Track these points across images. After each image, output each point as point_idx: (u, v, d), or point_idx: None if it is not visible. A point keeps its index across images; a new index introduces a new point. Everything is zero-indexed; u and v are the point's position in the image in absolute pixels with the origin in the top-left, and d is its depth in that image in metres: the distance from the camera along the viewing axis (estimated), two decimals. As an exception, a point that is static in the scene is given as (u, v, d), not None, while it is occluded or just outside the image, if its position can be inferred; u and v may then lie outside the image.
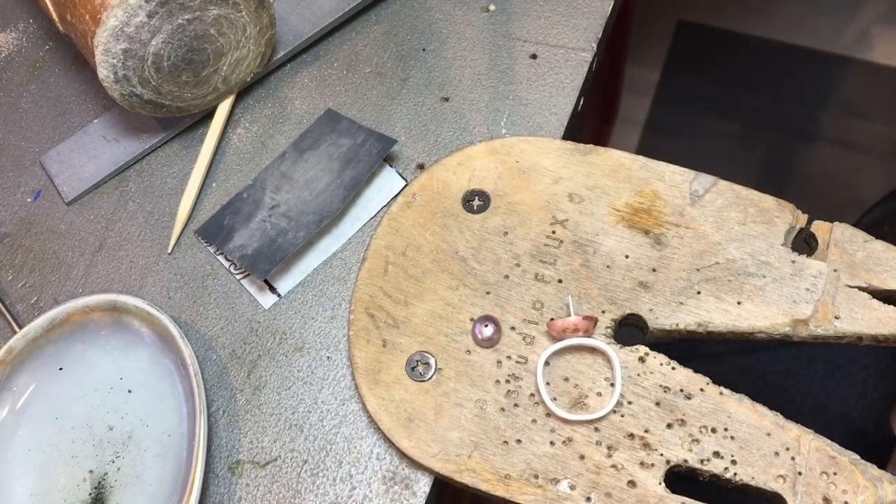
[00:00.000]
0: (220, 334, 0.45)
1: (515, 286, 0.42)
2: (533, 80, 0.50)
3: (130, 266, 0.48)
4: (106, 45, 0.43)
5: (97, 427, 0.43)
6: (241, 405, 0.44)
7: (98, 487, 0.42)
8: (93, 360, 0.44)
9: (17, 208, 0.51)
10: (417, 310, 0.42)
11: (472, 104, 0.50)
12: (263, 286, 0.46)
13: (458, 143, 0.49)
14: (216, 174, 0.50)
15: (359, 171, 0.47)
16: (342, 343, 0.44)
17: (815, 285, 0.41)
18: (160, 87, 0.46)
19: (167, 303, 0.47)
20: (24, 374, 0.43)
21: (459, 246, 0.44)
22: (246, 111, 0.52)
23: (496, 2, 0.53)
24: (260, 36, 0.48)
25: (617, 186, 0.44)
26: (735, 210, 0.43)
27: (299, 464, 0.42)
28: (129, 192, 0.50)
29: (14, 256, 0.49)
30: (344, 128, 0.49)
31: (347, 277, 0.46)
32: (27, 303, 0.48)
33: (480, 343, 0.41)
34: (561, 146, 0.46)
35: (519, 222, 0.44)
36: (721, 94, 1.37)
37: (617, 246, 0.43)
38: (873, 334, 0.40)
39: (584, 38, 0.51)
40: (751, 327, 0.40)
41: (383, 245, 0.44)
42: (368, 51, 0.53)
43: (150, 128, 0.51)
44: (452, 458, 0.39)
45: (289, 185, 0.47)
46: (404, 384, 0.41)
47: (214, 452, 0.43)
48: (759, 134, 1.32)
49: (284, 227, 0.46)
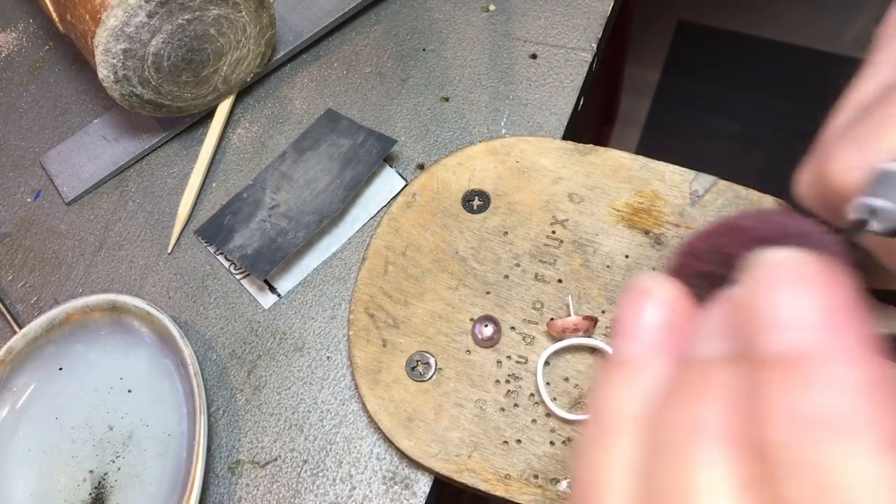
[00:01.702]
0: (220, 334, 0.45)
1: (515, 286, 0.42)
2: (533, 80, 0.50)
3: (130, 266, 0.48)
4: (106, 45, 0.43)
5: (97, 427, 0.43)
6: (241, 405, 0.44)
7: (98, 487, 0.42)
8: (93, 360, 0.44)
9: (17, 208, 0.51)
10: (417, 310, 0.42)
11: (472, 104, 0.50)
12: (263, 286, 0.46)
13: (458, 143, 0.49)
14: (216, 174, 0.50)
15: (359, 171, 0.47)
16: (342, 343, 0.44)
17: (815, 285, 0.41)
18: (160, 87, 0.46)
19: (167, 303, 0.47)
20: (24, 374, 0.43)
21: (459, 246, 0.44)
22: (246, 111, 0.52)
23: (496, 2, 0.53)
24: (260, 36, 0.48)
25: (617, 186, 0.44)
26: (735, 210, 0.43)
27: (299, 464, 0.42)
28: (129, 192, 0.50)
29: (14, 256, 0.49)
30: (344, 128, 0.49)
31: (347, 277, 0.46)
32: (27, 303, 0.48)
33: (480, 343, 0.41)
34: (561, 146, 0.46)
35: (519, 222, 0.44)
36: (721, 94, 1.37)
37: (617, 246, 0.43)
38: (873, 334, 0.40)
39: (584, 38, 0.51)
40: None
41: (383, 245, 0.44)
42: (368, 51, 0.53)
43: (150, 128, 0.51)
44: (452, 458, 0.39)
45: (289, 185, 0.48)
46: (404, 384, 0.41)
47: (214, 452, 0.43)
48: (759, 134, 1.32)
49: (284, 227, 0.46)
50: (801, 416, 0.17)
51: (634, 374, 0.21)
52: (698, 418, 0.19)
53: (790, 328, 0.18)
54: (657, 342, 0.21)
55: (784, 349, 0.17)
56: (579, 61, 0.50)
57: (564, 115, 0.49)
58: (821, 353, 0.17)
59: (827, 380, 0.17)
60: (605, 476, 0.20)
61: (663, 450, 0.19)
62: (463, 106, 0.50)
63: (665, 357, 0.20)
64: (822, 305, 0.17)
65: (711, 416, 0.18)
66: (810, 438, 0.17)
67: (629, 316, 0.21)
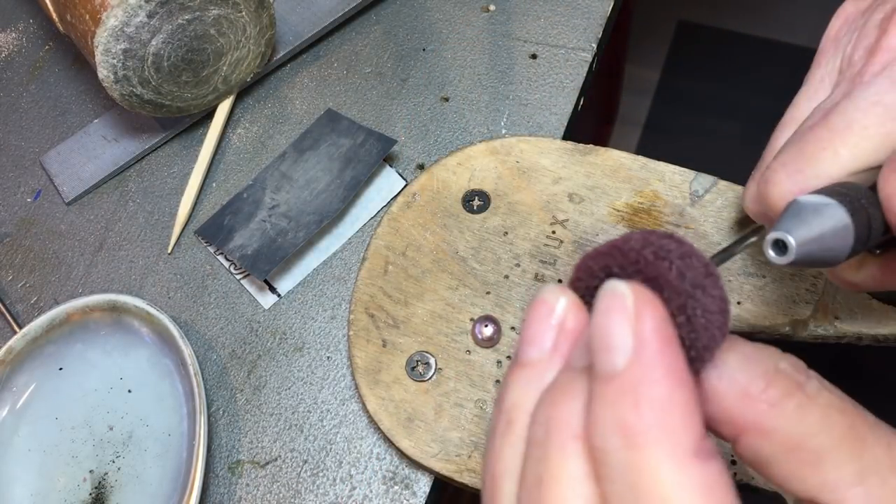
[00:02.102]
0: (220, 334, 0.45)
1: (515, 286, 0.42)
2: (533, 80, 0.50)
3: (130, 266, 0.48)
4: (106, 45, 0.43)
5: (97, 427, 0.43)
6: (241, 405, 0.44)
7: (98, 487, 0.42)
8: (93, 360, 0.44)
9: (17, 208, 0.51)
10: (417, 310, 0.42)
11: (472, 104, 0.50)
12: (263, 286, 0.46)
13: (458, 143, 0.49)
14: (216, 174, 0.50)
15: (359, 171, 0.47)
16: (342, 343, 0.44)
17: (814, 285, 0.41)
18: (160, 87, 0.46)
19: (167, 303, 0.47)
20: (24, 374, 0.43)
21: (459, 246, 0.44)
22: (246, 111, 0.52)
23: (496, 2, 0.53)
24: (260, 36, 0.48)
25: (617, 186, 0.44)
26: (735, 210, 0.43)
27: (299, 464, 0.42)
28: (129, 192, 0.50)
29: (14, 256, 0.49)
30: (344, 128, 0.49)
31: (347, 277, 0.46)
32: (27, 303, 0.48)
33: (480, 343, 0.41)
34: (561, 146, 0.46)
35: (519, 222, 0.44)
36: (721, 94, 1.37)
37: (617, 246, 0.43)
38: (873, 334, 0.40)
39: (584, 38, 0.51)
40: (751, 327, 0.40)
41: (383, 245, 0.44)
42: (368, 51, 0.53)
43: (150, 128, 0.51)
44: (452, 458, 0.39)
45: (289, 185, 0.47)
46: (404, 384, 0.41)
47: (214, 452, 0.43)
48: (759, 134, 1.32)
49: (284, 227, 0.46)
50: (616, 427, 0.20)
51: (533, 375, 0.23)
52: (559, 418, 0.22)
53: (611, 350, 0.20)
54: (553, 348, 0.23)
55: (607, 369, 0.20)
56: (579, 61, 0.50)
57: (564, 115, 0.49)
58: (632, 373, 0.20)
59: (637, 396, 0.20)
60: (503, 465, 0.23)
61: (534, 443, 0.22)
62: (463, 106, 0.50)
63: (560, 363, 0.23)
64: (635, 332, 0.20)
65: (569, 418, 0.21)
66: (623, 446, 0.20)
67: (532, 324, 0.24)
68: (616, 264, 0.23)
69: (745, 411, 0.22)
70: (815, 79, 0.35)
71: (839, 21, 0.36)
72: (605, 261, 0.23)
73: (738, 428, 0.22)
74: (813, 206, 0.27)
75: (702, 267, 0.22)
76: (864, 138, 0.29)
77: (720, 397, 0.22)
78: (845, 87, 0.32)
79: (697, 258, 0.22)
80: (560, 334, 0.23)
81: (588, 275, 0.24)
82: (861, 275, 0.33)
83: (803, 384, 0.22)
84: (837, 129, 0.30)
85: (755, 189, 0.33)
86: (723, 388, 0.22)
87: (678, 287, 0.22)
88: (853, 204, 0.28)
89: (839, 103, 0.31)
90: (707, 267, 0.22)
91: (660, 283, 0.22)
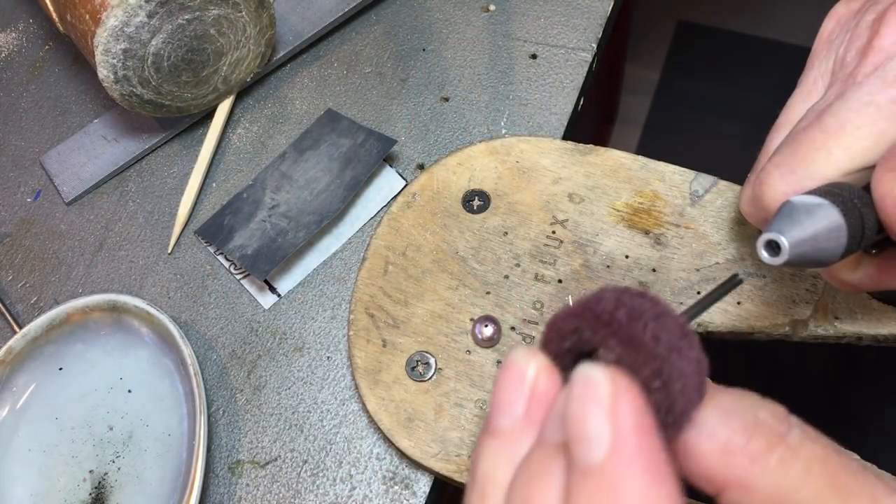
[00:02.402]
0: (220, 334, 0.45)
1: (515, 286, 0.42)
2: (533, 80, 0.50)
3: (130, 266, 0.48)
4: (106, 45, 0.43)
5: (97, 427, 0.43)
6: (241, 405, 0.44)
7: (98, 487, 0.42)
8: (93, 360, 0.44)
9: (17, 208, 0.51)
10: (417, 310, 0.42)
11: (472, 104, 0.50)
12: (263, 286, 0.46)
13: (458, 143, 0.49)
14: (216, 174, 0.50)
15: (359, 171, 0.47)
16: (342, 343, 0.44)
17: (814, 285, 0.41)
18: (160, 87, 0.46)
19: (167, 303, 0.47)
20: (24, 374, 0.43)
21: (459, 246, 0.44)
22: (246, 111, 0.52)
23: (496, 2, 0.53)
24: (260, 36, 0.48)
25: (617, 186, 0.44)
26: (735, 210, 0.43)
27: (299, 464, 0.42)
28: (129, 192, 0.50)
29: (14, 256, 0.49)
30: (344, 128, 0.49)
31: (347, 277, 0.46)
32: (27, 303, 0.48)
33: (480, 343, 0.41)
34: (561, 146, 0.46)
35: (519, 222, 0.44)
36: (721, 94, 1.37)
37: (617, 246, 0.43)
38: (873, 334, 0.40)
39: (584, 38, 0.51)
40: (750, 327, 0.40)
41: (383, 245, 0.44)
42: (368, 51, 0.53)
43: (150, 128, 0.51)
44: (452, 458, 0.39)
45: (289, 185, 0.48)
46: (404, 384, 0.41)
47: (214, 452, 0.43)
48: (759, 134, 1.31)
49: (284, 227, 0.46)
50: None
51: (506, 446, 0.23)
52: (536, 501, 0.21)
53: (588, 441, 0.20)
54: (525, 415, 0.23)
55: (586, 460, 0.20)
56: (579, 61, 0.50)
57: (564, 115, 0.49)
58: (611, 469, 0.20)
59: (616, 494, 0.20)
60: None
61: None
62: (463, 106, 0.50)
63: (533, 431, 0.23)
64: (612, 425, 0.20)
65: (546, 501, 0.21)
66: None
67: (502, 390, 0.23)
68: (588, 327, 0.22)
69: (727, 468, 0.22)
70: (809, 80, 0.35)
71: (831, 22, 0.36)
72: (576, 322, 0.23)
73: (721, 485, 0.22)
74: (806, 206, 0.27)
75: (677, 328, 0.22)
76: (857, 139, 0.29)
77: (701, 456, 0.22)
78: (838, 88, 0.32)
79: (672, 318, 0.22)
80: (531, 400, 0.23)
81: (560, 336, 0.23)
82: (858, 275, 0.33)
83: (785, 435, 0.22)
84: (830, 129, 0.30)
85: (750, 191, 0.33)
86: (703, 447, 0.22)
87: (653, 351, 0.21)
88: (846, 204, 0.28)
89: (832, 104, 0.31)
90: (682, 327, 0.22)
91: (634, 346, 0.21)
